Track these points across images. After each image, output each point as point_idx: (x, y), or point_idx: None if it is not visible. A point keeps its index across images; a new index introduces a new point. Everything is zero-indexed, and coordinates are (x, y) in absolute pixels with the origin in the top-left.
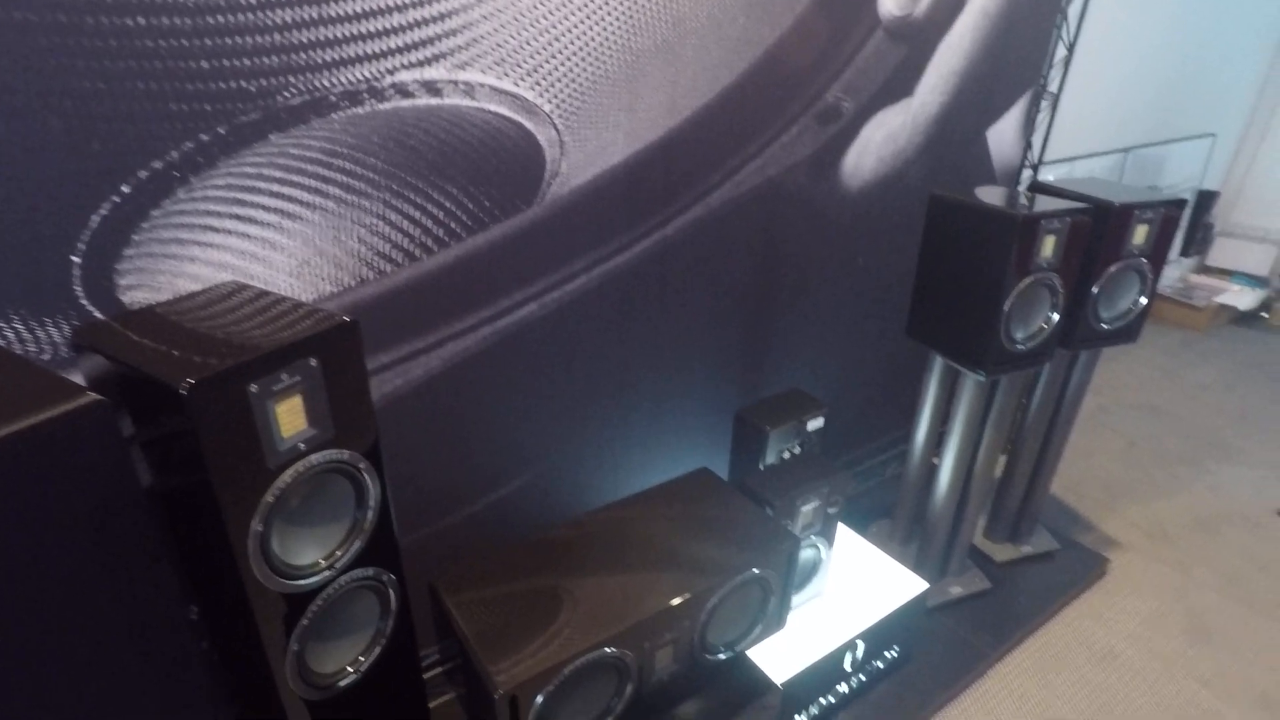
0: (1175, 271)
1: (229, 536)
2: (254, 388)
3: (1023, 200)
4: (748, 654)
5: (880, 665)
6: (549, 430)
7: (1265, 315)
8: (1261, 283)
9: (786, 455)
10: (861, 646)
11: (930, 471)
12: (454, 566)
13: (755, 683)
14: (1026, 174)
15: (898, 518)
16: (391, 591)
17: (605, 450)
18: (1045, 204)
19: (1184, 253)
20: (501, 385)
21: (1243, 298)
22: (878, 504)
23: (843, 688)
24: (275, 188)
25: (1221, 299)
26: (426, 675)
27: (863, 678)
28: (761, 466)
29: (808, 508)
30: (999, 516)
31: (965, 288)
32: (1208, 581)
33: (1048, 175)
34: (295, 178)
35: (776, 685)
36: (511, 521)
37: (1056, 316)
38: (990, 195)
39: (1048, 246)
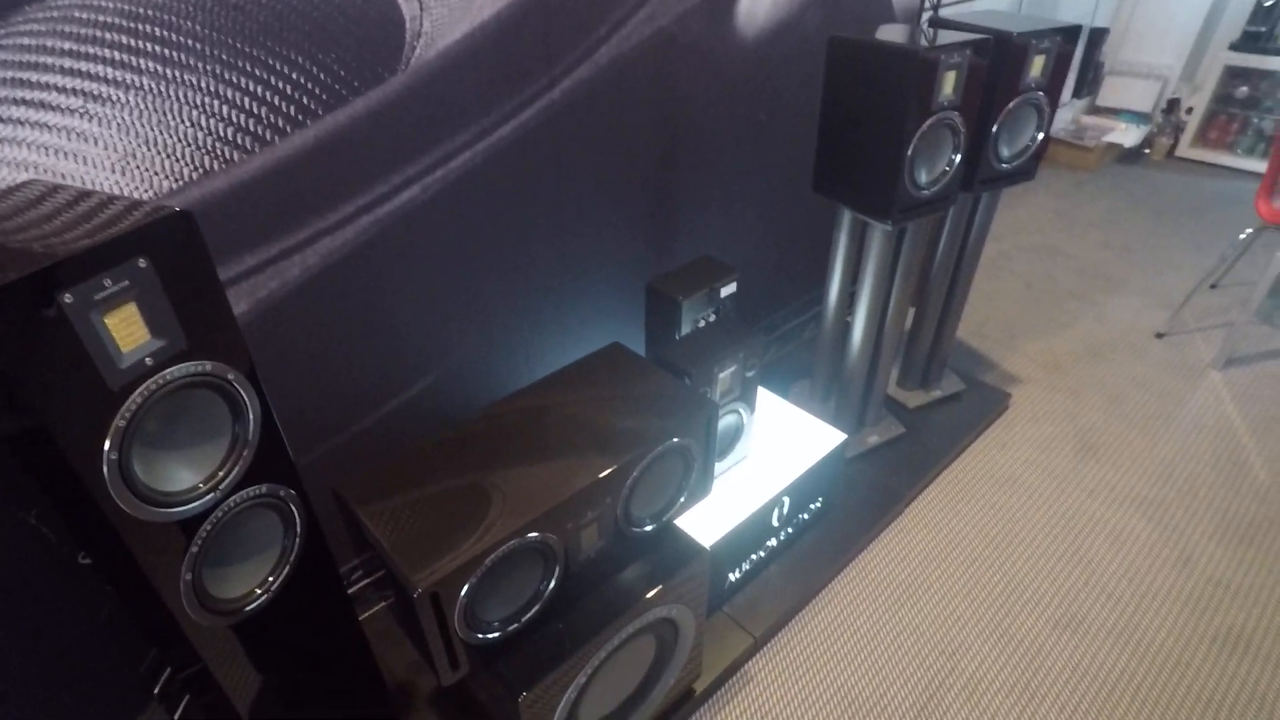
0: (1067, 114)
1: (78, 470)
2: (69, 298)
3: (923, 37)
4: (676, 523)
5: (806, 517)
6: (451, 322)
7: (1147, 151)
8: (1145, 119)
9: (702, 324)
10: (787, 501)
11: (845, 329)
12: (361, 473)
13: (684, 549)
14: (927, 13)
15: (816, 377)
16: (293, 507)
17: (515, 336)
18: (945, 39)
19: (1076, 94)
20: (392, 279)
21: (1128, 135)
22: (798, 366)
23: (772, 542)
24: (68, 63)
25: (1110, 138)
26: (354, 588)
27: (790, 530)
28: (677, 337)
29: (725, 374)
30: (910, 365)
31: (867, 136)
32: (1095, 403)
33: (947, 12)
34: (91, 49)
35: (704, 549)
36: (425, 420)
37: (958, 158)
38: (890, 34)
39: (948, 84)
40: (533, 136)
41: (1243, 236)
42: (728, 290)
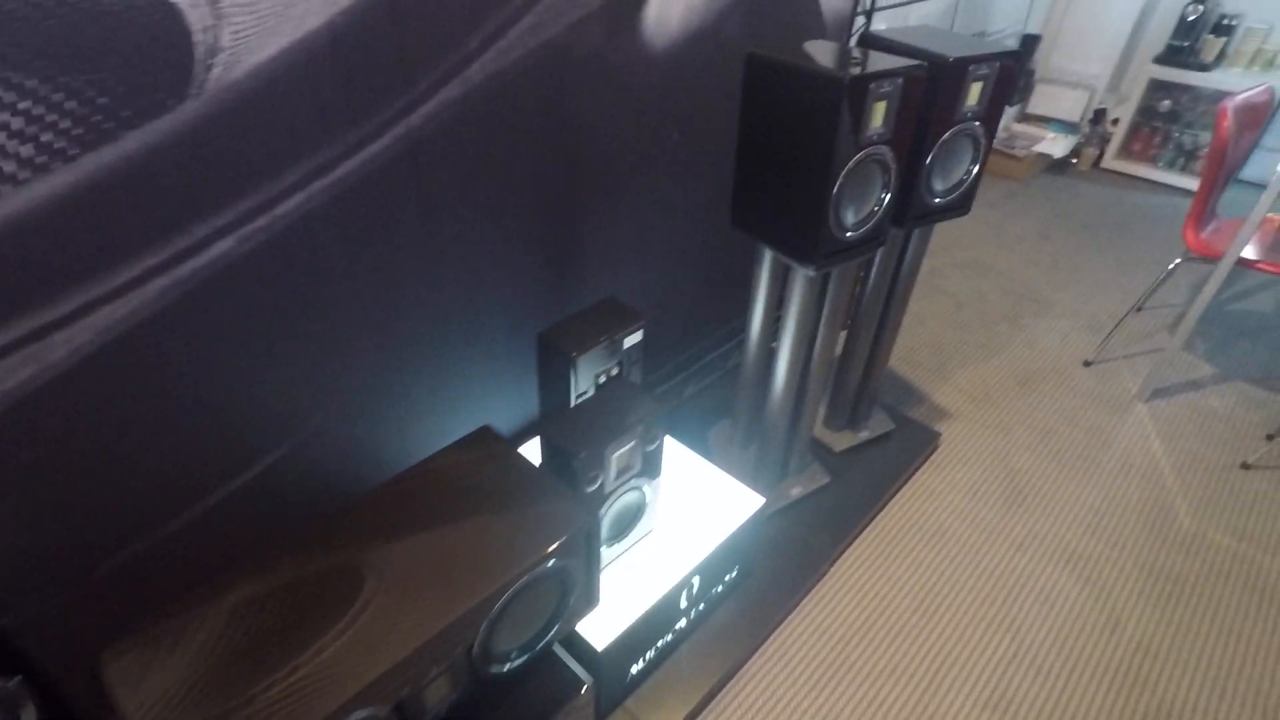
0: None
1: None
2: None
3: (852, 57)
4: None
5: (720, 589)
6: (298, 391)
7: (1075, 161)
8: (1073, 129)
9: (603, 378)
10: (697, 581)
11: (767, 372)
12: (126, 639)
13: (562, 683)
14: (860, 22)
15: (737, 419)
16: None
17: (382, 402)
18: (876, 61)
19: (1008, 101)
20: (208, 348)
21: (1057, 145)
22: (720, 401)
23: (681, 624)
24: None
25: (1039, 147)
26: None
27: (702, 607)
28: (573, 398)
29: (621, 452)
30: (838, 403)
31: (788, 170)
32: (1024, 440)
33: (880, 25)
34: None
35: (587, 681)
36: (269, 505)
37: (888, 196)
38: (817, 51)
39: (878, 115)
40: (389, 170)
41: (1170, 267)
42: (632, 340)
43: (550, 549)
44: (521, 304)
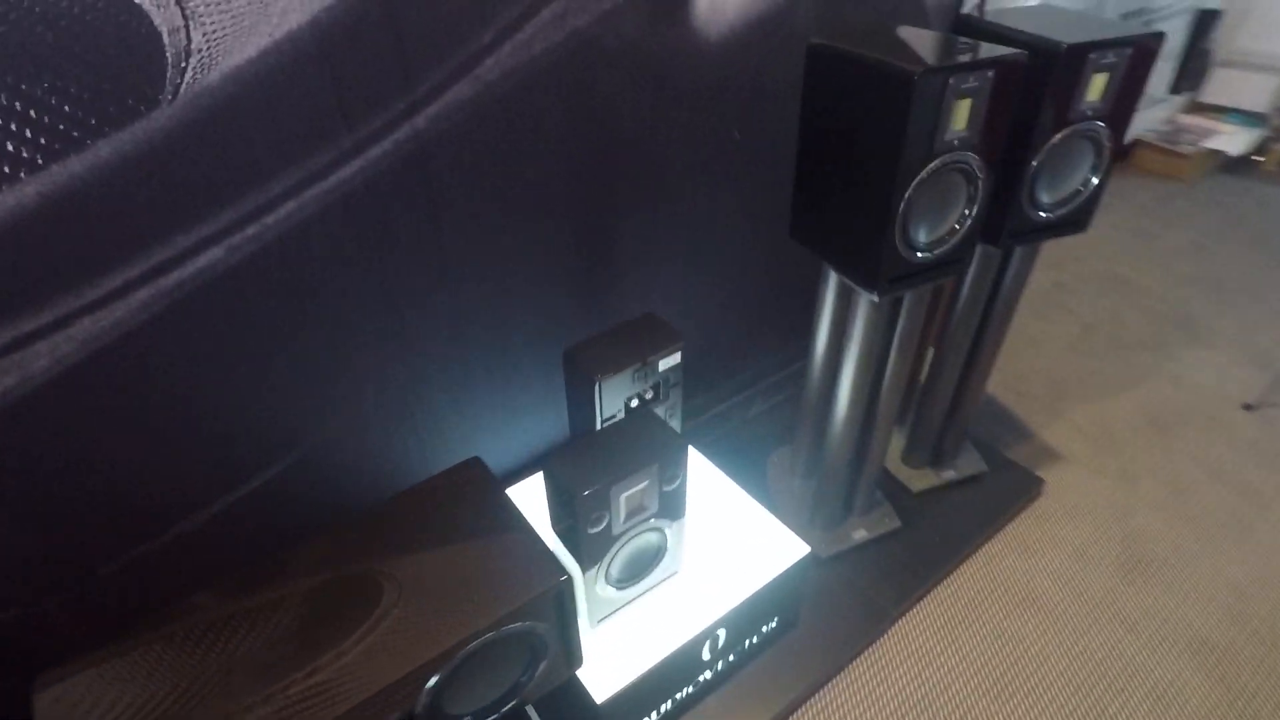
0: (1161, 112)
1: None
2: None
3: (938, 46)
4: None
5: (755, 640)
6: (301, 403)
7: (1259, 159)
8: (1258, 121)
9: (636, 403)
10: (723, 634)
11: (830, 403)
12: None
13: None
14: (972, 4)
15: (798, 447)
16: None
17: (392, 416)
18: (966, 51)
19: (1174, 89)
20: (189, 362)
21: (1235, 140)
22: (785, 425)
23: (705, 675)
24: None
25: (1211, 143)
26: None
27: (732, 659)
28: (599, 423)
29: (632, 493)
30: (919, 436)
31: (850, 179)
32: (1152, 496)
33: (1007, 2)
34: None
35: None
36: (276, 512)
37: (974, 211)
38: (894, 40)
39: (961, 115)
40: (394, 177)
41: None
42: (669, 361)
43: (502, 614)
44: (551, 318)
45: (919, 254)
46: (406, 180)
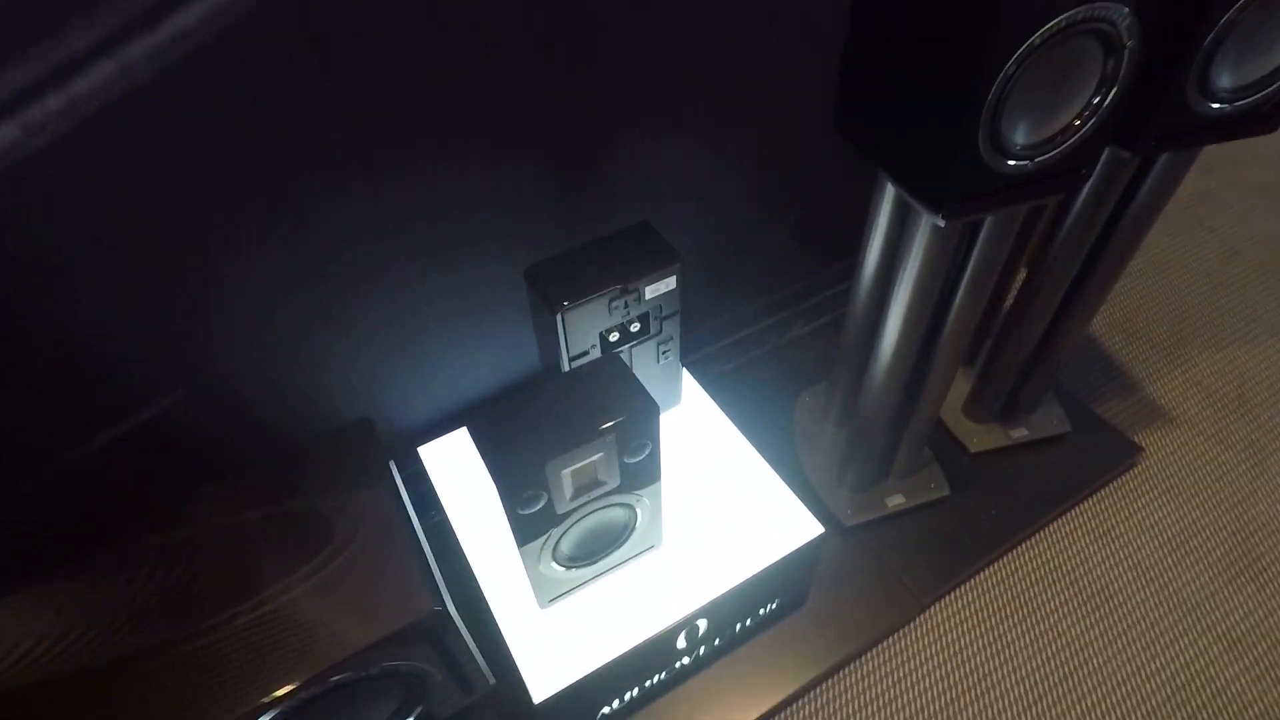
0: None
1: None
2: None
3: None
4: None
5: (747, 625)
6: (185, 328)
7: None
8: None
9: (617, 338)
10: (704, 624)
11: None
12: None
13: None
14: None
15: (834, 387)
16: None
17: (316, 361)
18: None
19: None
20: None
21: None
22: (825, 354)
23: (684, 661)
24: None
25: None
26: None
27: (718, 643)
28: (565, 363)
29: (576, 468)
30: (990, 382)
31: (923, 42)
32: None
33: None
34: None
35: None
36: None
37: (1110, 97)
38: None
39: None
40: (256, 30)
41: None
42: (659, 288)
43: (343, 658)
44: (524, 231)
45: (1012, 161)
46: (283, 35)
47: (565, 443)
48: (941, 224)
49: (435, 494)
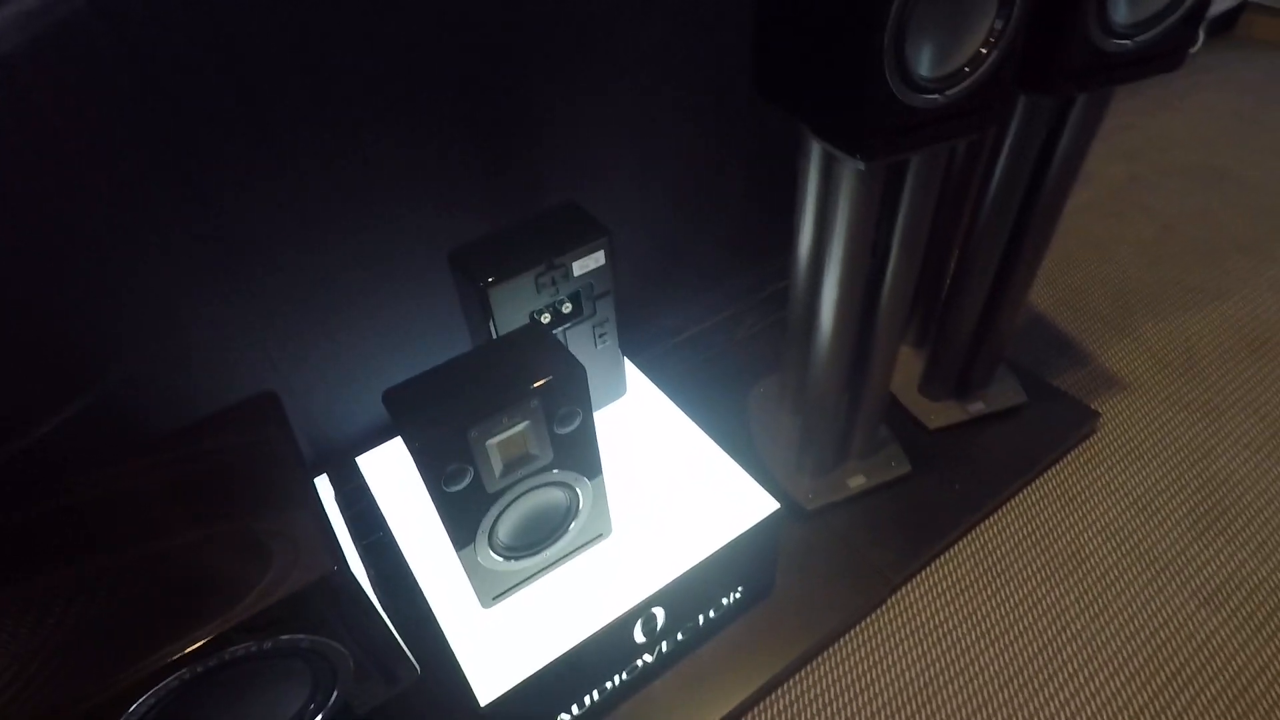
0: None
1: None
2: None
3: None
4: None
5: (712, 616)
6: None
7: None
8: None
9: (548, 319)
10: (661, 614)
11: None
12: None
13: None
14: None
15: (786, 373)
16: None
17: (228, 333)
18: None
19: None
20: None
21: None
22: (774, 351)
23: (646, 658)
24: None
25: None
26: None
27: (680, 637)
28: (494, 335)
29: (502, 438)
30: (941, 360)
31: None
32: (1242, 434)
33: None
34: None
35: None
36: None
37: (1007, 25)
38: None
39: None
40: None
41: None
42: (587, 264)
43: (231, 624)
44: (444, 209)
45: (924, 94)
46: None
47: (486, 408)
48: (862, 167)
49: (375, 504)
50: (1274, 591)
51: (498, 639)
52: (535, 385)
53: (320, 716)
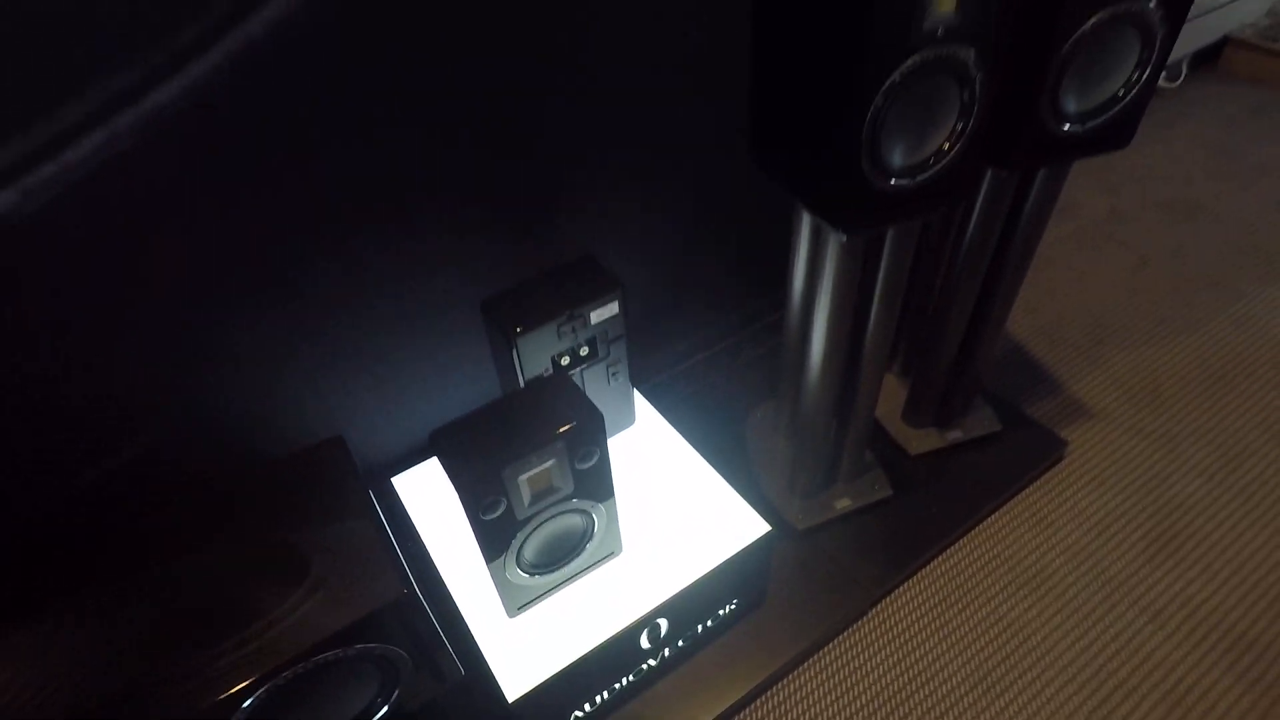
0: (1259, 4)
1: None
2: None
3: None
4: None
5: (710, 625)
6: (167, 372)
7: None
8: None
9: (567, 361)
10: (665, 623)
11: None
12: None
13: None
14: None
15: (781, 402)
16: None
17: (296, 380)
18: None
19: None
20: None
21: None
22: (772, 375)
23: (651, 663)
24: None
25: None
26: None
27: (681, 644)
28: (521, 382)
29: (532, 474)
30: (922, 391)
31: (809, 81)
32: (1198, 462)
33: None
34: None
35: None
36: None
37: (968, 124)
38: None
39: None
40: (230, 97)
41: None
42: (603, 313)
43: (323, 639)
44: (475, 264)
45: (895, 180)
46: (252, 102)
47: (520, 450)
48: (844, 239)
49: (410, 519)
50: (1214, 611)
51: (522, 644)
52: (561, 430)
53: (384, 710)
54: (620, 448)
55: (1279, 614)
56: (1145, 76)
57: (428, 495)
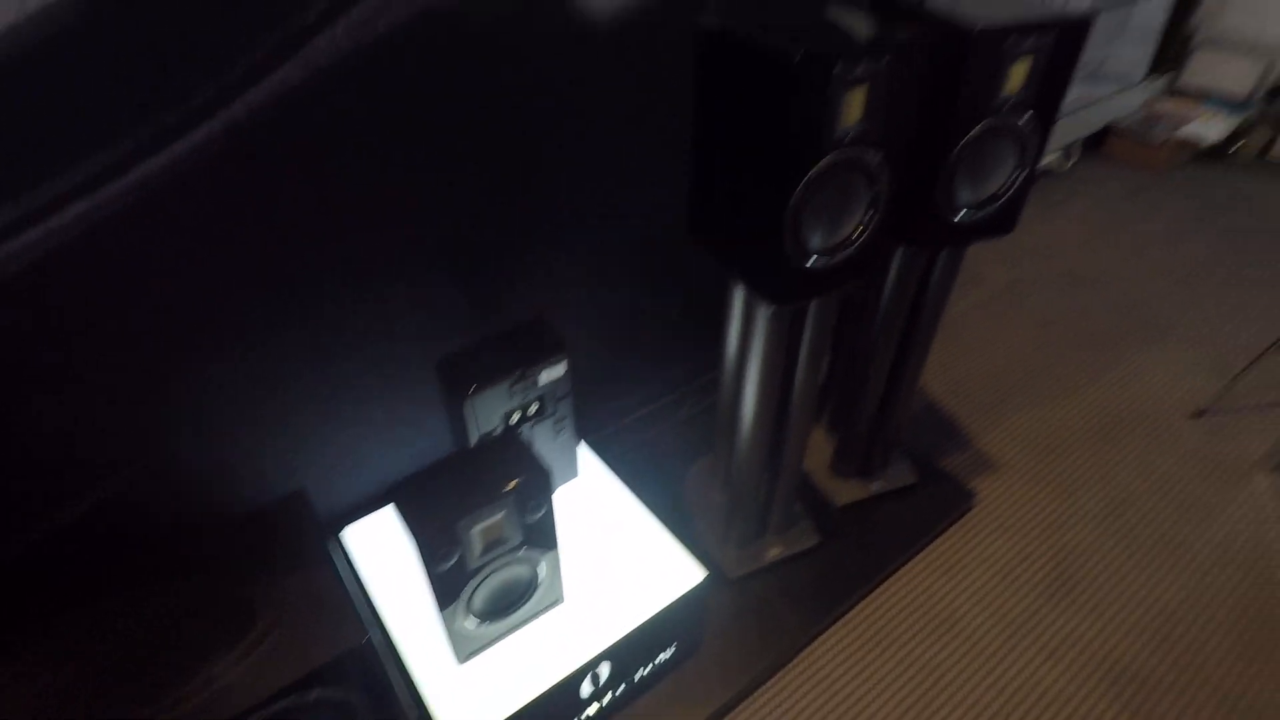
0: (1137, 97)
1: None
2: None
3: (841, 27)
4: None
5: (646, 673)
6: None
7: (1234, 149)
8: (1238, 107)
9: (517, 418)
10: (607, 669)
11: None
12: None
13: None
14: None
15: (718, 457)
16: None
17: (256, 431)
18: (868, 32)
19: (1154, 68)
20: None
21: (1211, 127)
22: (711, 431)
23: (591, 711)
24: None
25: (1186, 131)
26: None
27: (621, 691)
28: (474, 439)
29: (484, 526)
30: (848, 445)
31: (739, 174)
32: (1088, 510)
33: None
34: None
35: None
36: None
37: (874, 216)
38: (796, 22)
39: (855, 106)
40: (210, 173)
41: None
42: (551, 374)
43: (273, 690)
44: (433, 323)
45: (813, 260)
46: (226, 175)
47: (474, 503)
48: (769, 310)
49: (357, 573)
50: (1101, 647)
51: (469, 692)
52: (510, 486)
53: None
54: (565, 499)
55: (1157, 647)
56: (1023, 176)
57: (375, 546)
